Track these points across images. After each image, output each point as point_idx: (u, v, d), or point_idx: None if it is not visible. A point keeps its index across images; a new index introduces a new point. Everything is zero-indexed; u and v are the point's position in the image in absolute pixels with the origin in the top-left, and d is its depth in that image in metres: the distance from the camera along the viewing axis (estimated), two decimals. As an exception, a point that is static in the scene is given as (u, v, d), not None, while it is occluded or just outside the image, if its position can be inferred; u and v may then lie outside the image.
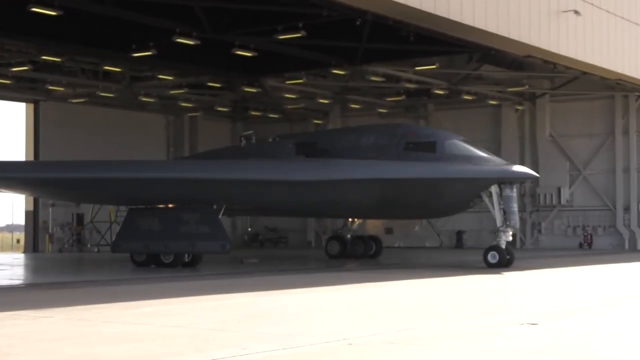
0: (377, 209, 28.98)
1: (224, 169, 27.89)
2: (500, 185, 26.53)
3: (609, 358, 9.83)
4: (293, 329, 12.27)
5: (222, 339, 11.23)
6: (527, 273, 25.30)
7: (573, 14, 33.03)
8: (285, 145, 30.24)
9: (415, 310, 15.09)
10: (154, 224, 27.32)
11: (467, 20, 28.24)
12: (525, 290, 19.59)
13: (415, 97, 46.73)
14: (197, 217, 26.78)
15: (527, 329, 12.15)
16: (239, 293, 18.16)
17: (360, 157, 28.35)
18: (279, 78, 41.79)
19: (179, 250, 26.95)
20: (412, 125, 31.37)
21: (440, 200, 27.91)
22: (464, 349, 10.45)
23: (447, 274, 24.61)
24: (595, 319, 13.55)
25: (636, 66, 38.49)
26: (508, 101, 46.69)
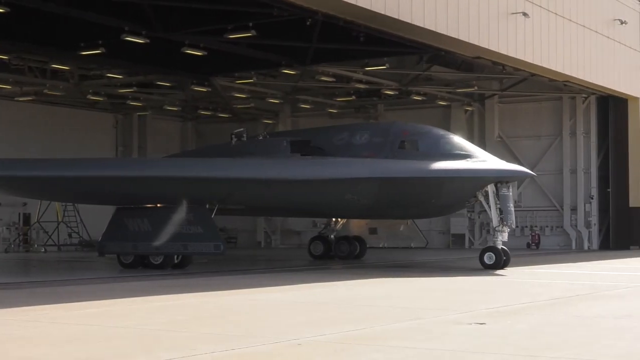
0: (374, 209, 28.27)
1: (221, 167, 27.25)
2: (496, 184, 26.01)
3: (555, 357, 9.92)
4: (242, 329, 12.24)
5: (171, 340, 11.16)
6: (477, 272, 25.46)
7: (522, 16, 33.31)
8: (279, 143, 29.45)
9: (366, 310, 15.12)
10: (143, 224, 26.55)
11: (417, 21, 28.36)
12: (476, 290, 19.70)
13: (365, 97, 46.84)
14: (189, 217, 25.96)
15: (475, 328, 12.22)
16: (188, 293, 18.07)
17: (354, 156, 27.89)
18: (229, 77, 41.63)
19: (170, 251, 26.20)
20: (406, 123, 30.87)
21: (439, 199, 27.30)
22: (411, 348, 10.48)
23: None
24: (542, 318, 13.67)
25: (583, 68, 38.91)
26: (457, 102, 46.92)
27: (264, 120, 51.25)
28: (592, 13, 39.89)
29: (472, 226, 45.96)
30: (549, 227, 44.92)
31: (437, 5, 29.17)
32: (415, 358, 9.92)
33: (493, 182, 25.94)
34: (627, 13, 43.03)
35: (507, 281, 22.36)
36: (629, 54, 43.53)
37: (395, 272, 25.59)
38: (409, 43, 31.66)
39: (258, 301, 16.80)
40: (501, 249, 25.89)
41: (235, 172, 26.79)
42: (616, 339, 11.35)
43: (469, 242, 45.74)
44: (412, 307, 15.41)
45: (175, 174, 26.63)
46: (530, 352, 10.19)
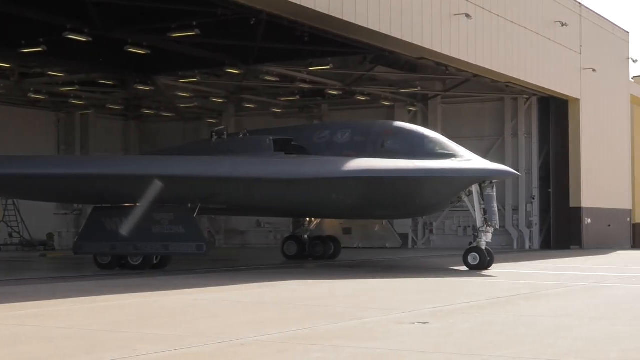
0: (359, 208, 27.68)
1: (205, 165, 26.57)
2: (480, 184, 25.70)
3: (496, 356, 10.00)
4: (185, 329, 12.18)
5: (113, 340, 11.08)
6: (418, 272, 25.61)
7: (465, 17, 33.57)
8: (263, 141, 28.66)
9: (310, 309, 15.13)
10: (122, 223, 25.73)
11: (361, 22, 28.45)
12: (421, 289, 19.81)
13: (309, 97, 46.85)
14: (170, 216, 25.34)
15: (418, 328, 12.29)
16: (131, 294, 17.95)
17: (336, 154, 27.35)
18: (172, 77, 41.41)
19: (151, 251, 25.61)
20: (388, 122, 30.45)
21: (424, 199, 26.86)
22: (354, 348, 10.51)
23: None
24: (485, 318, 13.78)
25: (525, 69, 39.34)
26: (401, 102, 47.12)
27: (208, 120, 51.07)
28: (533, 15, 40.35)
29: (416, 226, 46.21)
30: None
31: (381, 5, 29.28)
32: (357, 357, 9.95)
33: (479, 182, 25.68)
34: (568, 15, 43.58)
35: (452, 281, 22.51)
36: (570, 55, 44.09)
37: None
38: (353, 43, 31.77)
39: (201, 301, 16.73)
40: (485, 249, 25.66)
41: (222, 170, 26.21)
42: (557, 338, 11.48)
43: (412, 242, 45.93)
44: (356, 307, 15.45)
45: (158, 172, 25.74)
46: (472, 351, 10.26)
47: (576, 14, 44.86)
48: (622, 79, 52.04)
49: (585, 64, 45.33)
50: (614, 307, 15.60)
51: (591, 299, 17.38)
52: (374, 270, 26.97)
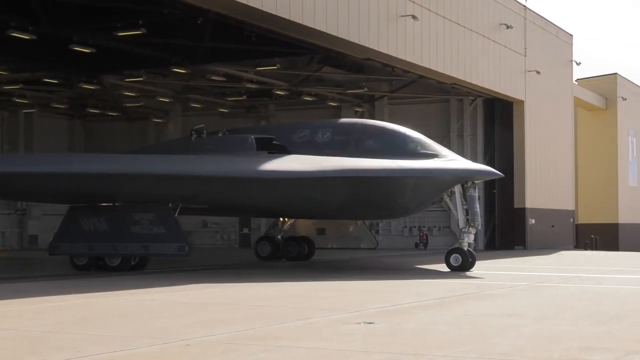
0: (343, 208, 27.27)
1: (190, 164, 25.83)
2: (463, 184, 25.47)
3: (441, 355, 10.07)
4: (130, 330, 12.11)
5: (57, 341, 10.98)
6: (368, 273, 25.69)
7: (411, 19, 33.75)
8: (245, 140, 28.03)
9: (257, 310, 15.11)
10: (99, 223, 25.09)
11: (308, 22, 28.49)
12: (367, 289, 19.86)
13: (256, 97, 46.81)
14: (150, 216, 24.60)
15: (364, 328, 12.33)
16: (77, 294, 17.77)
17: (318, 154, 26.86)
18: (118, 76, 41.11)
19: (130, 252, 24.95)
20: (369, 121, 29.97)
21: (407, 199, 26.54)
22: (300, 348, 10.53)
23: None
24: (430, 317, 13.87)
25: (470, 71, 39.65)
26: (348, 103, 47.27)
27: (154, 120, 50.80)
28: (479, 17, 40.70)
29: (362, 226, 46.34)
30: (437, 227, 45.56)
31: (328, 6, 29.34)
32: (303, 358, 9.97)
33: (463, 182, 25.48)
34: (513, 18, 44.03)
35: (397, 281, 22.61)
36: (515, 57, 44.53)
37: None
38: (300, 44, 31.79)
39: (148, 301, 16.63)
40: (467, 250, 25.48)
41: (207, 168, 25.51)
42: (501, 337, 11.59)
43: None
44: (303, 307, 15.46)
45: (140, 171, 24.99)
46: (417, 351, 10.32)
47: (521, 16, 45.33)
48: (566, 81, 52.69)
49: (530, 66, 45.83)
50: (558, 307, 15.78)
51: (535, 299, 17.56)
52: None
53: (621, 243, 60.15)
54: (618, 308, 15.51)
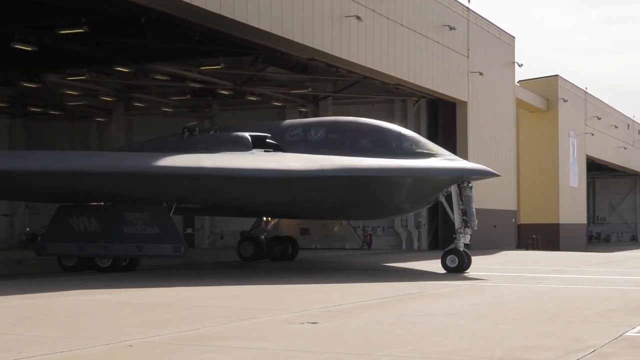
0: (337, 208, 26.81)
1: (188, 161, 24.89)
2: (459, 184, 25.16)
3: (385, 355, 10.12)
4: (72, 331, 12.01)
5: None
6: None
7: (355, 19, 33.83)
8: (241, 138, 27.36)
9: (201, 310, 15.06)
10: (90, 223, 24.41)
11: (252, 22, 28.42)
12: (311, 289, 19.89)
13: (200, 96, 46.63)
14: (144, 216, 23.99)
15: (308, 328, 12.35)
16: (17, 295, 17.57)
17: (312, 152, 26.36)
18: (60, 74, 40.69)
19: (123, 253, 24.30)
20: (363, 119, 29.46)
21: (405, 198, 26.18)
22: (244, 348, 10.52)
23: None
24: (373, 317, 13.93)
25: (414, 72, 39.84)
26: (292, 103, 47.29)
27: (97, 119, 50.37)
28: (423, 18, 40.92)
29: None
30: (381, 227, 45.71)
31: (272, 6, 29.31)
32: (247, 358, 9.96)
33: (460, 181, 25.16)
34: (456, 19, 44.33)
35: (341, 281, 22.66)
36: (458, 59, 44.84)
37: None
38: (244, 43, 31.71)
39: (91, 302, 16.48)
40: (463, 251, 25.21)
41: (206, 166, 24.70)
42: (444, 336, 11.67)
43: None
44: (247, 308, 15.44)
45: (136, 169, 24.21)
46: (361, 351, 10.36)
47: (464, 18, 45.65)
48: (508, 82, 53.18)
49: (473, 68, 46.18)
50: (499, 306, 15.93)
51: (477, 298, 17.71)
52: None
53: (562, 243, 60.88)
54: (558, 307, 15.69)
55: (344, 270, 27.22)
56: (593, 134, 72.26)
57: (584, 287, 21.00)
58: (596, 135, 73.20)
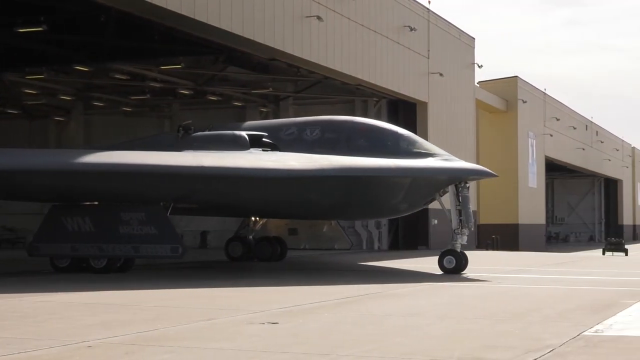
0: (337, 208, 26.59)
1: (188, 160, 24.36)
2: (457, 184, 24.78)
3: (345, 355, 10.12)
4: (30, 332, 11.88)
5: (-47, 344, 10.71)
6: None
7: (316, 19, 33.84)
8: (238, 137, 26.95)
9: (160, 310, 14.97)
10: (84, 223, 23.81)
11: (213, 21, 28.34)
12: (271, 289, 19.85)
13: (160, 96, 46.41)
14: (140, 216, 23.45)
15: (268, 328, 12.32)
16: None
17: (307, 151, 25.96)
18: (19, 73, 40.31)
19: (119, 254, 23.73)
20: (359, 119, 29.04)
21: (404, 198, 25.81)
22: (203, 349, 10.47)
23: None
24: (334, 317, 13.92)
25: (374, 72, 39.93)
26: (253, 103, 47.21)
27: (55, 118, 49.99)
28: (384, 19, 41.01)
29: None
30: (342, 227, 45.69)
31: (233, 6, 29.25)
32: (206, 358, 9.91)
33: (458, 181, 24.84)
34: (416, 20, 44.48)
35: (301, 280, 22.65)
36: (418, 59, 45.00)
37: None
38: (205, 43, 31.62)
39: (50, 303, 16.30)
40: (461, 252, 24.85)
41: (207, 165, 24.13)
42: (404, 336, 11.69)
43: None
44: (207, 308, 15.37)
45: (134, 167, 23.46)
46: (321, 351, 10.35)
47: (424, 19, 45.83)
48: (468, 83, 53.47)
49: (433, 68, 46.37)
50: (460, 306, 16.00)
51: (438, 298, 17.77)
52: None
53: (521, 243, 61.29)
54: (518, 307, 15.78)
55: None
56: (552, 134, 72.83)
57: (543, 287, 21.16)
58: (555, 136, 73.80)
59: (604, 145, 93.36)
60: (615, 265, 33.43)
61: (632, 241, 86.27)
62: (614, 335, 11.98)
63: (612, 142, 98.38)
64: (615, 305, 16.08)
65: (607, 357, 10.23)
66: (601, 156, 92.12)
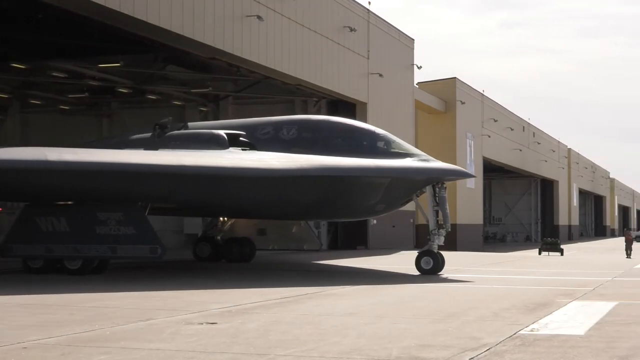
0: (314, 208, 26.18)
1: (169, 159, 23.80)
2: (434, 185, 24.77)
3: (283, 354, 10.14)
4: (-36, 333, 11.73)
5: None
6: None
7: (256, 19, 33.79)
8: (217, 136, 26.56)
9: (97, 311, 14.85)
10: (59, 223, 23.19)
11: (152, 20, 28.16)
12: (210, 290, 19.80)
13: (99, 94, 45.99)
14: (118, 216, 22.83)
15: (206, 328, 12.30)
16: None
17: (284, 151, 25.75)
18: (-47, 70, 39.74)
19: (95, 254, 23.11)
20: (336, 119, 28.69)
21: (380, 198, 25.61)
22: (141, 349, 10.42)
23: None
24: (272, 317, 13.94)
25: (315, 73, 39.98)
26: (193, 102, 47.00)
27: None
28: (324, 19, 41.07)
29: (206, 226, 46.14)
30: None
31: (173, 4, 29.10)
32: (145, 359, 9.87)
33: (436, 182, 24.79)
34: (357, 21, 44.61)
35: (240, 281, 22.61)
36: (358, 60, 45.13)
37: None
38: (144, 41, 31.41)
39: (-18, 304, 16.12)
40: (438, 252, 24.78)
41: (188, 164, 23.65)
42: (342, 336, 11.75)
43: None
44: (145, 308, 15.29)
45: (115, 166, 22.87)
46: (259, 351, 10.37)
47: (364, 20, 45.98)
48: (407, 84, 53.76)
49: (373, 69, 46.53)
50: (397, 306, 16.10)
51: (376, 298, 17.86)
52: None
53: (459, 243, 61.71)
54: (455, 306, 15.93)
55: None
56: (490, 135, 73.52)
57: (479, 286, 21.37)
58: (493, 137, 74.51)
59: (541, 146, 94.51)
60: (551, 265, 33.89)
61: (567, 241, 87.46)
62: (550, 334, 12.16)
63: (548, 143, 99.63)
64: (550, 304, 16.32)
65: (543, 356, 10.38)
66: (538, 157, 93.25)
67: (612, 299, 17.59)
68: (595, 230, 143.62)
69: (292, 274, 25.71)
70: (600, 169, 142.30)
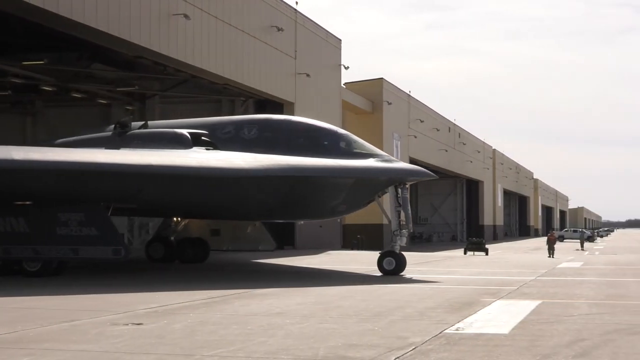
0: (277, 208, 26.01)
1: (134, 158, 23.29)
2: (396, 185, 24.70)
3: (210, 355, 10.09)
4: None
5: None
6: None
7: (183, 17, 33.59)
8: (180, 135, 26.13)
9: (20, 312, 14.63)
10: (18, 224, 22.57)
11: (77, 17, 27.84)
12: (135, 290, 19.62)
13: (22, 92, 45.29)
14: (79, 216, 22.27)
15: (132, 329, 12.19)
16: None
17: (246, 150, 25.51)
18: None
19: (56, 256, 22.57)
20: (298, 119, 28.26)
21: (343, 199, 25.51)
22: (65, 351, 10.29)
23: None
24: (199, 317, 13.86)
25: (242, 72, 39.87)
26: (118, 101, 46.58)
27: None
28: (251, 19, 40.99)
29: (132, 226, 45.75)
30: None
31: (98, 2, 28.80)
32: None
33: (399, 182, 24.67)
34: (284, 21, 44.62)
35: (167, 280, 22.48)
36: (285, 60, 45.14)
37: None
38: (69, 38, 31.03)
39: None
40: (400, 253, 24.73)
41: (154, 164, 23.19)
42: (269, 336, 11.73)
43: (128, 242, 45.37)
44: (69, 309, 15.10)
45: (77, 166, 22.33)
46: (186, 352, 10.30)
47: (292, 20, 46.00)
48: (334, 84, 53.91)
49: (300, 69, 46.59)
50: (324, 305, 16.12)
51: (303, 298, 17.86)
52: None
53: (385, 242, 61.91)
54: (381, 306, 16.01)
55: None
56: (416, 136, 74.06)
57: (406, 285, 21.50)
58: (419, 137, 75.07)
59: (466, 147, 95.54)
60: (476, 264, 34.27)
61: (492, 241, 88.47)
62: (474, 333, 12.28)
63: (473, 144, 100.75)
64: (475, 303, 16.49)
65: (468, 354, 10.48)
66: (463, 158, 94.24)
67: (535, 298, 17.85)
68: (520, 230, 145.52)
69: (222, 273, 25.58)
70: (524, 169, 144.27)
